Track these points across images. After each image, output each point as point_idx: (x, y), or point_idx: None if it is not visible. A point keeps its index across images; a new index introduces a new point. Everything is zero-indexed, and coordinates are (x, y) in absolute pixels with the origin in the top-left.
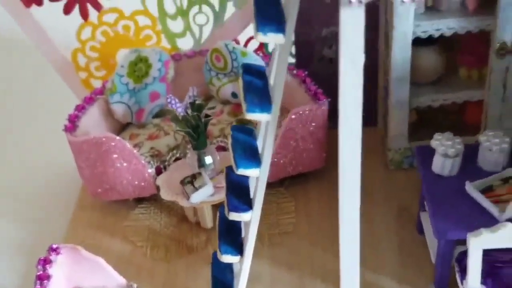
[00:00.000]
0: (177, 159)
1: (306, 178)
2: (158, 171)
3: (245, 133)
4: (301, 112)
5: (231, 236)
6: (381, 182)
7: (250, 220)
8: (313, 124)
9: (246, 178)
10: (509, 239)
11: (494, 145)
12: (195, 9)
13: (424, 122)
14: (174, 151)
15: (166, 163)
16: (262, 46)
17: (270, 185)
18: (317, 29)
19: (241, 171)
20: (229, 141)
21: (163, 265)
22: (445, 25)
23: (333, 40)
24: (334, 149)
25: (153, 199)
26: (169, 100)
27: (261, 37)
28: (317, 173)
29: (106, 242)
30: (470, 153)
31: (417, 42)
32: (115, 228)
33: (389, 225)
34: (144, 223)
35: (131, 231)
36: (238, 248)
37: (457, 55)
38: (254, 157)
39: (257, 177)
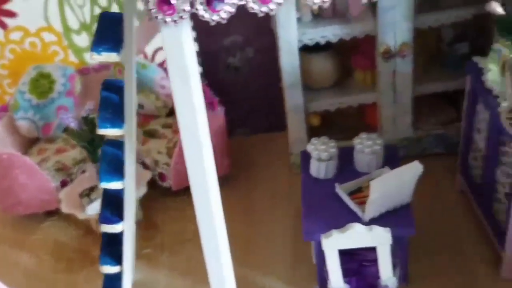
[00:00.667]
0: (84, 172)
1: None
2: (64, 185)
3: (114, 147)
4: None
5: (111, 247)
6: (284, 185)
7: (123, 231)
8: (211, 132)
9: (121, 190)
10: (358, 239)
11: (366, 147)
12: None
13: (328, 125)
14: (80, 164)
15: (73, 176)
16: None
17: (175, 194)
18: (219, 39)
19: (104, 185)
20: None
21: (65, 277)
22: (330, 32)
23: (236, 49)
24: (238, 156)
25: (62, 212)
26: (61, 115)
27: (96, 57)
28: (222, 180)
29: (14, 256)
30: (348, 156)
31: (311, 49)
32: (24, 242)
33: (286, 227)
34: (52, 236)
35: (39, 244)
36: (117, 258)
37: (352, 59)
38: (117, 170)
39: (124, 188)
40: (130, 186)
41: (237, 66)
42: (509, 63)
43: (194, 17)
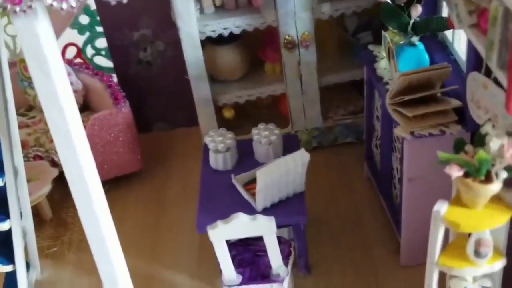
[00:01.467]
0: None
1: (129, 181)
2: None
3: None
4: (100, 118)
5: (5, 247)
6: (196, 178)
7: (10, 229)
8: (117, 127)
9: (3, 187)
10: (243, 229)
11: (263, 138)
12: (4, 20)
13: (244, 117)
14: None
15: None
16: (80, 52)
17: None
18: (128, 33)
19: None
20: None
21: None
22: (232, 23)
23: (146, 43)
24: (154, 151)
25: None
26: None
27: None
28: (135, 175)
29: None
30: (249, 147)
31: (219, 41)
32: None
33: (195, 220)
34: None
35: None
36: (10, 257)
37: (260, 52)
38: None
39: (5, 185)
40: (11, 183)
41: (149, 60)
42: (391, 50)
43: (101, 9)
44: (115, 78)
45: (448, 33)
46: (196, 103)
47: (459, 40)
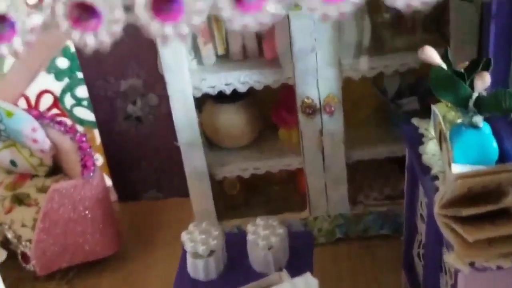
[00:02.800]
0: None
1: (102, 265)
2: None
3: None
4: (61, 190)
5: None
6: None
7: None
8: (84, 203)
9: None
10: None
11: (261, 239)
12: None
13: (252, 194)
14: None
15: None
16: (57, 102)
17: (48, 278)
18: (113, 83)
19: None
20: None
21: None
22: (236, 79)
23: (136, 95)
24: (137, 226)
25: None
26: None
27: None
28: (115, 257)
29: None
30: (244, 245)
31: (222, 98)
32: None
33: None
34: None
35: None
36: None
37: (273, 114)
38: None
39: None
40: None
41: (139, 116)
42: (443, 133)
43: (81, 52)
44: (97, 137)
45: None
46: (187, 176)
47: None
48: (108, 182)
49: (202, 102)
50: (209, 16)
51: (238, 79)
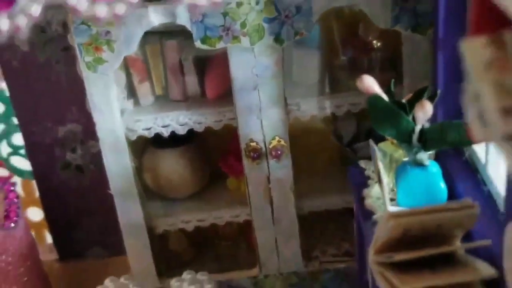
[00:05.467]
0: None
1: None
2: None
3: None
4: None
5: None
6: None
7: None
8: (7, 257)
9: None
10: None
11: None
12: None
13: (202, 249)
14: None
15: None
16: None
17: None
18: (51, 128)
19: None
20: None
21: None
22: (175, 120)
23: (77, 141)
24: (73, 285)
25: None
26: None
27: None
28: None
29: None
30: None
31: (164, 143)
32: None
33: None
34: None
35: None
36: None
37: (220, 161)
38: None
39: None
40: None
41: (79, 164)
42: (379, 170)
43: (15, 96)
44: (35, 186)
45: (481, 152)
46: (123, 230)
47: (496, 161)
48: (48, 239)
49: (142, 147)
50: (145, 50)
51: (176, 120)
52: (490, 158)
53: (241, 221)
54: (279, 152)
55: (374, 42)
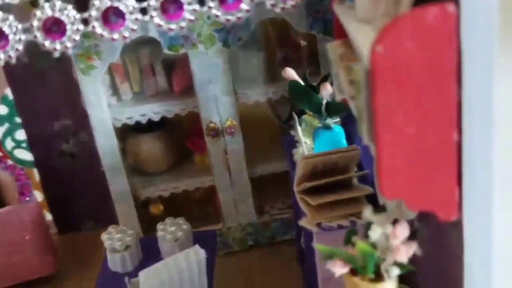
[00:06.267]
0: None
1: (41, 285)
2: None
3: None
4: (4, 214)
5: None
6: None
7: None
8: (22, 225)
9: None
10: None
11: (168, 234)
12: None
13: (176, 213)
14: None
15: None
16: (0, 145)
17: None
18: (47, 123)
19: None
20: None
21: None
22: (150, 110)
23: (68, 134)
24: (75, 254)
25: None
26: None
27: None
28: (45, 279)
29: None
30: (156, 245)
31: (142, 129)
32: None
33: None
34: None
35: None
36: None
37: (187, 141)
38: None
39: None
40: None
41: (73, 152)
42: (299, 134)
43: (18, 98)
44: (36, 175)
45: None
46: (114, 199)
47: None
48: (48, 216)
49: (125, 133)
50: (124, 58)
51: (152, 110)
52: None
53: (206, 186)
54: (232, 130)
55: (301, 42)
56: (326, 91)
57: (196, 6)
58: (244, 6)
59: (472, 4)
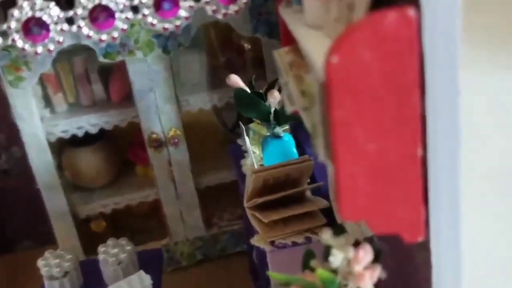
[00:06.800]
0: None
1: None
2: None
3: None
4: None
5: None
6: None
7: None
8: None
9: None
10: None
11: (111, 256)
12: None
13: (120, 229)
14: None
15: None
16: None
17: None
18: None
19: None
20: None
21: None
22: (86, 122)
23: (1, 148)
24: (11, 278)
25: None
26: None
27: None
28: None
29: None
30: (97, 268)
31: (79, 142)
32: None
33: None
34: None
35: None
36: None
37: (128, 153)
38: None
39: None
40: None
41: (5, 169)
42: (247, 144)
43: None
44: None
45: None
46: (51, 218)
47: None
48: None
49: (60, 147)
50: (56, 67)
51: (88, 121)
52: None
53: (150, 200)
54: (176, 140)
55: (245, 45)
56: (274, 99)
57: (129, 14)
58: (182, 13)
59: (435, 7)
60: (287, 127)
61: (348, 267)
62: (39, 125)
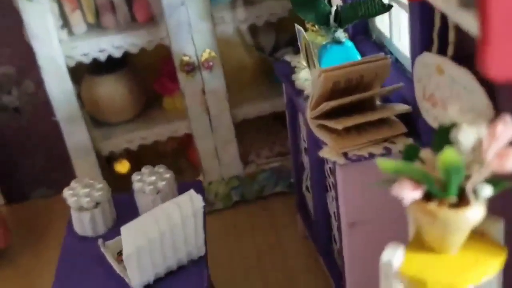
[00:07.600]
0: None
1: None
2: None
3: None
4: None
5: None
6: None
7: None
8: None
9: None
10: None
11: (147, 185)
12: None
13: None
14: None
15: None
16: None
17: None
18: None
19: None
20: None
21: None
22: (110, 44)
23: (10, 84)
24: (27, 224)
25: None
26: None
27: None
28: (4, 255)
29: None
30: (132, 201)
31: (100, 69)
32: None
33: None
34: None
35: None
36: None
37: (155, 82)
38: None
39: None
40: None
41: (17, 106)
42: (307, 45)
43: None
44: None
45: (385, 30)
46: (71, 154)
47: (399, 36)
48: None
49: (79, 76)
50: None
51: (112, 43)
52: (393, 33)
53: (181, 135)
54: (211, 64)
55: None
56: None
57: None
58: None
59: None
60: (345, 35)
61: (474, 153)
62: (57, 47)
